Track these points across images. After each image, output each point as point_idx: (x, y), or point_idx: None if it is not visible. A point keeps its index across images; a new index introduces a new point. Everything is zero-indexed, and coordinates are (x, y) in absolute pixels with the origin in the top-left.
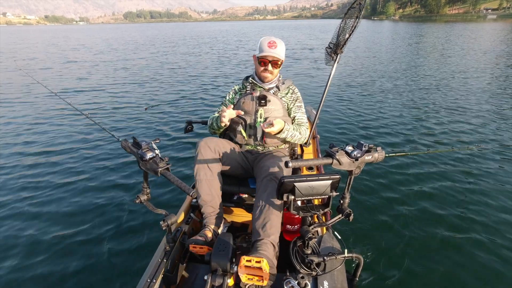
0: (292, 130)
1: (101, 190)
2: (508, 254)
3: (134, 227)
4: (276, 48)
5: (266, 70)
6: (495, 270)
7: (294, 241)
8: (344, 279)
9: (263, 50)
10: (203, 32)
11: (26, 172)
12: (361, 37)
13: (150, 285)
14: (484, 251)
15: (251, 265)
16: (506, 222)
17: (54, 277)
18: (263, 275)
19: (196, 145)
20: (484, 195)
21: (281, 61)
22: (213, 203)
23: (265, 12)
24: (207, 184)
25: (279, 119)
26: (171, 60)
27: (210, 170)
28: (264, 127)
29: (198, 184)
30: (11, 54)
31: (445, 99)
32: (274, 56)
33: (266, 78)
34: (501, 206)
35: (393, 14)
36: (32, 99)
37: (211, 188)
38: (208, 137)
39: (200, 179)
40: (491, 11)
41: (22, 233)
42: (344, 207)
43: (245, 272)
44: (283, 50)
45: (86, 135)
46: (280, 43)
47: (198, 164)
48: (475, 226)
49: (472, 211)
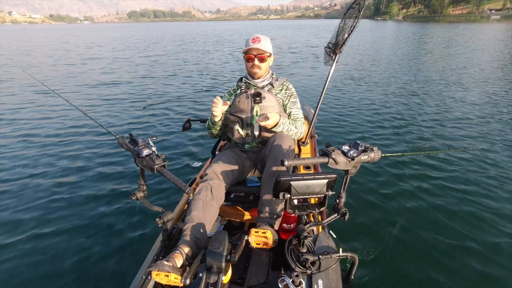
0: (288, 124)
1: (97, 186)
2: (505, 254)
3: (130, 224)
4: (259, 42)
5: (254, 65)
6: (490, 270)
7: (289, 239)
8: (339, 278)
9: (247, 46)
10: (208, 31)
11: (22, 169)
12: (364, 36)
13: (145, 282)
14: (480, 251)
15: (259, 235)
16: (504, 223)
17: (48, 275)
18: (268, 241)
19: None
20: (481, 196)
21: (267, 54)
22: (200, 225)
23: (268, 12)
24: (203, 205)
25: (274, 113)
26: (172, 59)
27: (212, 195)
28: (259, 121)
29: (194, 201)
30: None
31: (443, 100)
32: (258, 49)
33: (255, 74)
34: (499, 207)
35: (397, 14)
36: (29, 95)
37: (206, 211)
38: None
39: (199, 198)
40: (494, 11)
41: (17, 230)
42: (340, 207)
43: (254, 240)
44: (267, 44)
45: (82, 132)
46: (265, 38)
47: (202, 184)
48: (472, 226)
49: (468, 212)
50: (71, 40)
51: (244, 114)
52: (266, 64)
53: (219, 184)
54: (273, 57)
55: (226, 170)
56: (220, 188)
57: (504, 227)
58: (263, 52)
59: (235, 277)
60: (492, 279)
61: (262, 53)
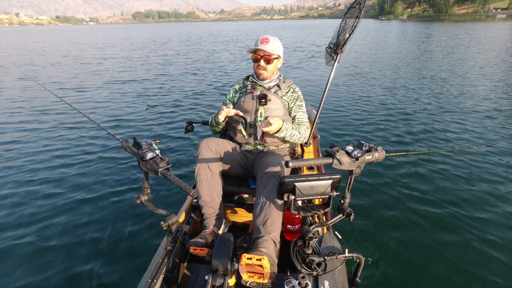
0: (291, 130)
1: (101, 190)
2: (508, 253)
3: (134, 227)
4: (267, 44)
5: (259, 66)
6: (496, 269)
7: (294, 241)
8: (345, 279)
9: (256, 46)
10: (214, 32)
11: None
12: (367, 36)
13: (151, 285)
14: (487, 251)
15: (252, 263)
16: (507, 222)
17: (52, 278)
18: (264, 272)
19: (197, 145)
20: (486, 195)
21: (275, 56)
22: (213, 204)
23: (272, 12)
24: (207, 184)
25: (277, 118)
26: (174, 60)
27: (211, 171)
28: (262, 126)
29: (199, 184)
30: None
31: (447, 99)
32: (264, 50)
33: (260, 74)
34: (503, 206)
35: (401, 14)
36: (32, 99)
37: (212, 188)
38: (209, 138)
39: (201, 180)
40: (500, 10)
41: (20, 233)
42: (345, 207)
43: (246, 270)
44: (276, 46)
45: (86, 136)
46: (274, 40)
47: (198, 164)
48: (479, 226)
49: (475, 211)
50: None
51: (248, 115)
52: (273, 66)
53: (213, 156)
54: (282, 59)
55: (219, 144)
56: (215, 161)
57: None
58: (270, 53)
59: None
60: (502, 279)
61: (269, 54)
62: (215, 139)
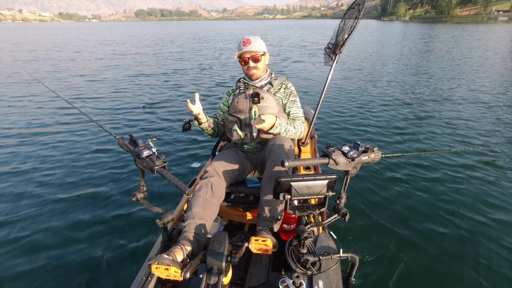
0: (286, 125)
1: (96, 187)
2: (506, 252)
3: (130, 225)
4: (250, 44)
5: (249, 67)
6: (492, 269)
7: (290, 240)
8: (339, 279)
9: (239, 50)
10: (217, 30)
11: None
12: (368, 36)
13: (145, 283)
14: (481, 250)
15: (259, 243)
16: (504, 222)
17: (48, 275)
18: (267, 248)
19: (204, 166)
20: (483, 196)
21: (261, 53)
22: (200, 221)
23: (274, 12)
24: (203, 202)
25: (270, 115)
26: (174, 59)
27: (212, 192)
28: (255, 124)
29: (195, 198)
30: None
31: (444, 101)
32: (250, 51)
33: (253, 75)
34: (500, 207)
35: (404, 15)
36: (29, 96)
37: (206, 208)
38: (216, 161)
39: (199, 195)
40: (502, 12)
41: (16, 230)
42: (340, 207)
43: (255, 247)
44: (259, 44)
45: (82, 133)
46: (255, 39)
47: (202, 181)
48: (473, 227)
49: (470, 212)
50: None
51: (242, 114)
52: (262, 63)
53: (219, 181)
54: (268, 55)
55: (226, 168)
56: (221, 185)
57: (509, 227)
58: (256, 52)
59: (236, 278)
60: (497, 279)
61: (255, 53)
62: (221, 162)
